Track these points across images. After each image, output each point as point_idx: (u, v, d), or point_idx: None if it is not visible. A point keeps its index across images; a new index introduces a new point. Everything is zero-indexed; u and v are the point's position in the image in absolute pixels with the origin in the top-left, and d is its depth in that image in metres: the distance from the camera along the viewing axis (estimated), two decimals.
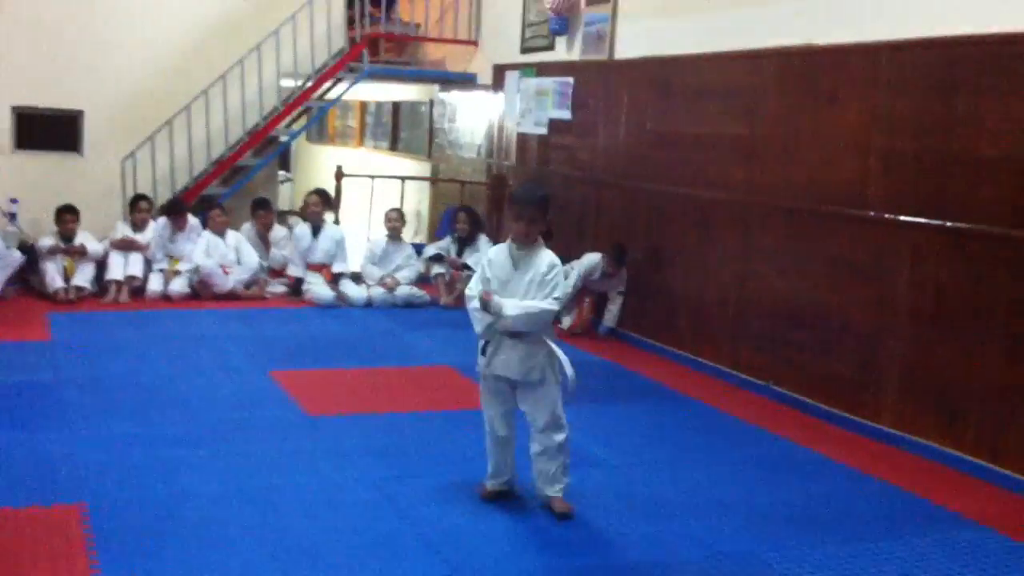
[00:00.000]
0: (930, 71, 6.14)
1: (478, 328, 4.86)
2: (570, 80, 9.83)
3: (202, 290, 9.83)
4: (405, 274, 10.23)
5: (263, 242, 10.62)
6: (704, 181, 8.04)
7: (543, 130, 10.30)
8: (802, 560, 4.52)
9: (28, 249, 9.72)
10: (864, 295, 6.57)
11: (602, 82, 9.40)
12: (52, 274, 9.45)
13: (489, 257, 4.95)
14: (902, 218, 6.28)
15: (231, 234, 10.24)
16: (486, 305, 4.75)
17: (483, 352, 4.88)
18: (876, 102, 6.49)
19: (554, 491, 4.89)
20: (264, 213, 10.74)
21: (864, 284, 6.57)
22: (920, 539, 4.85)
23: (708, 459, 5.91)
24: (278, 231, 10.84)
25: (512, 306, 4.70)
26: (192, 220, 10.28)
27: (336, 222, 10.76)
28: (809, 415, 6.87)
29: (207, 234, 10.09)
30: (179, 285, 9.78)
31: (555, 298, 4.72)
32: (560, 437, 4.85)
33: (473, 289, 4.91)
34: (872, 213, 6.49)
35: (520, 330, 4.72)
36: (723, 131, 7.83)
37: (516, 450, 5.02)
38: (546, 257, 4.79)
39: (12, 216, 10.38)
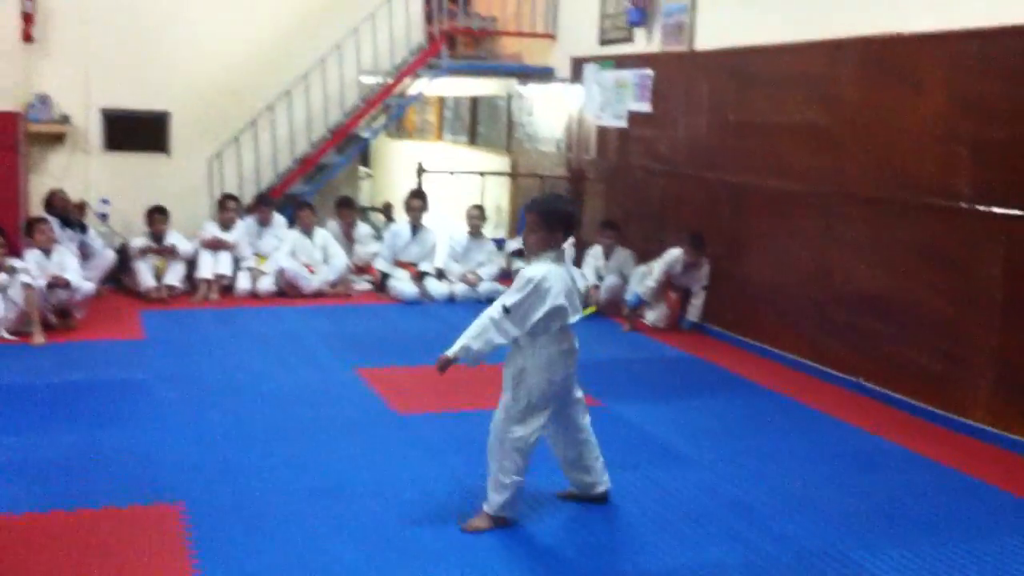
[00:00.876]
0: (1021, 57, 6.01)
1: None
2: (650, 72, 9.79)
3: (288, 290, 10.00)
4: (487, 270, 10.31)
5: (347, 239, 10.78)
6: (786, 171, 7.96)
7: (623, 123, 10.27)
8: (893, 561, 4.47)
9: (120, 249, 9.99)
10: (954, 287, 6.45)
11: (682, 73, 9.34)
12: (144, 273, 9.69)
13: None
14: (994, 209, 6.15)
15: (319, 233, 10.39)
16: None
17: None
18: (964, 89, 6.35)
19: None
20: (348, 211, 10.90)
21: (954, 276, 6.45)
22: (1015, 539, 4.76)
23: (794, 455, 5.86)
24: (361, 228, 11.00)
25: (457, 341, 4.64)
26: (277, 216, 10.48)
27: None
28: (896, 409, 6.77)
29: (293, 234, 10.27)
30: (266, 283, 9.97)
31: (504, 306, 4.54)
32: (491, 441, 4.73)
33: None
34: (963, 204, 6.36)
35: (468, 358, 4.60)
36: (805, 120, 7.74)
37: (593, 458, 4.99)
38: (526, 268, 4.66)
39: (104, 216, 10.66)
